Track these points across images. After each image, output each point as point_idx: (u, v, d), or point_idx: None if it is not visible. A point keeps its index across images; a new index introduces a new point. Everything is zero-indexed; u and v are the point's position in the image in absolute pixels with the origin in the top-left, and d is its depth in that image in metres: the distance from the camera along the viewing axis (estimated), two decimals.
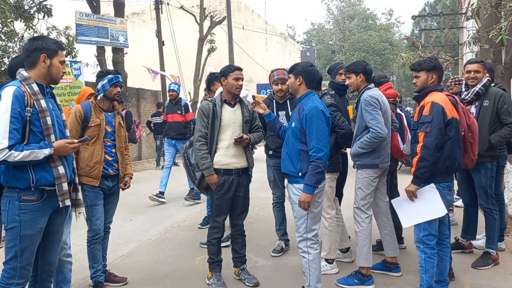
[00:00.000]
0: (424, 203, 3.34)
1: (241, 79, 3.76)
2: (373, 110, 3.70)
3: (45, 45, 2.64)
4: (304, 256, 3.39)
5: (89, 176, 3.59)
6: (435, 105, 3.27)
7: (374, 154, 3.79)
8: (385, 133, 3.68)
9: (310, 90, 3.44)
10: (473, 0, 12.55)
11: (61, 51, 2.73)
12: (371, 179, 3.83)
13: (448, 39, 21.43)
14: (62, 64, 2.73)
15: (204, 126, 3.71)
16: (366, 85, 3.91)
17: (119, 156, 3.77)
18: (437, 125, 3.22)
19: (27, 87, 2.57)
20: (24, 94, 2.53)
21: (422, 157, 3.25)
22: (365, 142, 3.72)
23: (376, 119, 3.67)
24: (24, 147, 2.48)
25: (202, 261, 4.39)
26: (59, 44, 2.74)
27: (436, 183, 3.32)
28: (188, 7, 17.80)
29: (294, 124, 3.38)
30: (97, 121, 3.63)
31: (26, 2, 10.15)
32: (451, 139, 3.26)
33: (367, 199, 3.85)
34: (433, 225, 3.34)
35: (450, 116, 3.26)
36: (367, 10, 45.64)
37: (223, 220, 3.84)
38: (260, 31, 29.21)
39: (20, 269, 2.57)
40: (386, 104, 3.87)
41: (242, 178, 3.81)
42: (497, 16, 5.86)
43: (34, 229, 2.58)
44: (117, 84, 3.69)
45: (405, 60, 13.65)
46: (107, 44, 12.17)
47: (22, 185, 2.53)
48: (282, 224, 4.80)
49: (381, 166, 3.84)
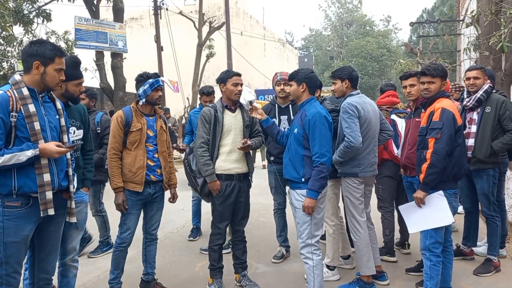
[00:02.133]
0: (432, 210, 3.32)
1: (240, 85, 3.74)
2: (349, 118, 3.62)
3: (41, 51, 2.54)
4: (306, 262, 3.37)
5: (133, 182, 3.54)
6: (445, 111, 3.25)
7: (354, 163, 3.72)
8: (358, 143, 3.56)
9: (311, 96, 3.46)
10: (472, 7, 12.62)
11: (59, 58, 2.59)
12: (354, 186, 3.78)
13: (447, 45, 21.52)
14: (59, 72, 2.60)
15: (206, 132, 3.69)
16: (351, 91, 3.85)
17: (162, 161, 3.68)
18: (447, 131, 3.20)
19: (15, 91, 2.49)
20: (10, 99, 2.45)
21: (432, 163, 3.22)
22: (340, 150, 3.66)
23: (350, 127, 3.59)
24: (5, 151, 2.40)
25: (203, 267, 4.36)
26: (57, 51, 2.60)
27: (444, 190, 3.31)
28: (187, 13, 17.84)
29: (296, 130, 3.37)
30: (139, 125, 3.56)
31: (25, 6, 10.12)
32: (459, 146, 3.26)
33: (358, 205, 3.80)
34: (440, 232, 3.33)
35: (459, 123, 3.27)
36: (365, 17, 45.81)
37: (225, 227, 3.82)
38: (259, 37, 29.29)
39: (6, 277, 2.49)
40: (368, 112, 3.76)
41: (243, 183, 3.81)
42: (497, 23, 5.88)
43: (19, 236, 2.49)
44: (159, 88, 3.61)
45: (403, 67, 13.69)
46: (106, 49, 12.16)
47: (3, 191, 2.45)
48: (283, 230, 4.78)
49: (361, 175, 3.76)
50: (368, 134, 3.75)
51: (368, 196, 3.99)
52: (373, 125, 3.81)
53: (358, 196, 3.79)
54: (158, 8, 16.67)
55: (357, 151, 3.65)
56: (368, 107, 3.79)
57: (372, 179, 4.01)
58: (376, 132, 3.86)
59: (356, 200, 3.79)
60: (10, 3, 9.50)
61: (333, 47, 47.01)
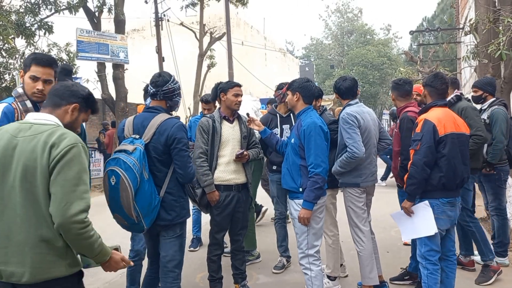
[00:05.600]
0: (418, 220, 3.32)
1: (240, 95, 3.77)
2: (350, 128, 3.63)
3: (25, 61, 2.61)
4: (306, 272, 3.35)
5: None
6: (426, 122, 3.23)
7: (355, 173, 3.73)
8: (361, 153, 3.58)
9: (308, 105, 3.46)
10: (471, 15, 12.66)
11: (35, 66, 2.56)
12: (356, 196, 3.78)
13: (446, 53, 21.59)
14: (33, 79, 2.56)
15: (204, 143, 3.70)
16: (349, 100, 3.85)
17: None
18: (426, 143, 3.17)
19: (19, 104, 2.53)
20: (15, 111, 2.49)
21: (411, 174, 3.26)
22: (343, 161, 3.66)
23: (352, 138, 3.60)
24: None
25: (203, 278, 4.34)
26: (36, 58, 2.59)
27: (435, 198, 3.27)
28: (188, 24, 17.97)
29: (293, 140, 3.38)
30: None
31: (27, 19, 10.24)
32: (444, 157, 3.19)
33: (361, 214, 3.80)
34: (435, 240, 3.29)
35: (443, 133, 3.19)
36: (365, 26, 46.04)
37: (222, 237, 3.81)
38: (260, 46, 29.42)
39: None
40: (368, 121, 3.78)
41: (241, 193, 3.80)
42: (496, 31, 5.91)
43: None
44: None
45: (403, 75, 13.73)
46: (108, 60, 12.24)
47: None
48: (284, 240, 4.76)
49: (362, 185, 3.77)
50: (369, 144, 3.76)
51: (369, 206, 3.97)
52: (373, 134, 3.82)
53: (361, 206, 3.79)
54: (159, 20, 16.81)
55: (360, 161, 3.65)
56: (367, 116, 3.79)
57: (373, 188, 4.00)
58: (375, 141, 3.86)
59: (359, 209, 3.78)
60: (13, 16, 9.60)
61: (333, 56, 47.16)
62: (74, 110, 2.11)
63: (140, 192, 2.74)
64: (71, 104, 2.10)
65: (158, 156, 2.90)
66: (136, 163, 2.71)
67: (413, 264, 4.09)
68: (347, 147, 3.62)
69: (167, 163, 2.93)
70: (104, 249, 2.00)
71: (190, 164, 2.94)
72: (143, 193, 2.74)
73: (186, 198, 3.12)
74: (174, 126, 2.89)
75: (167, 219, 2.92)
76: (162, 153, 2.89)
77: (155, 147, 2.89)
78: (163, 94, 3.01)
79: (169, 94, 3.03)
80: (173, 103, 3.09)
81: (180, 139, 2.88)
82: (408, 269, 4.21)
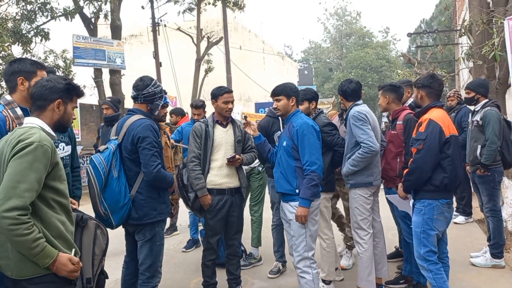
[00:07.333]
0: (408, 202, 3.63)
1: (230, 102, 3.78)
2: (362, 125, 3.67)
3: (22, 67, 2.59)
4: (303, 276, 3.33)
5: None
6: (432, 123, 3.25)
7: (367, 172, 3.76)
8: (377, 147, 3.66)
9: (297, 108, 3.53)
10: (468, 17, 12.69)
11: (40, 71, 2.63)
12: (365, 197, 3.79)
13: (443, 55, 21.62)
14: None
15: (197, 147, 3.71)
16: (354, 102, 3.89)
17: None
18: (430, 143, 3.20)
19: (9, 111, 2.52)
20: (6, 119, 2.48)
21: (410, 171, 3.34)
22: (357, 158, 3.67)
23: (366, 133, 3.65)
24: None
25: (197, 284, 4.32)
26: (37, 64, 2.66)
27: (435, 199, 3.29)
28: (185, 28, 17.98)
29: (285, 143, 3.39)
30: None
31: (23, 26, 10.26)
32: (449, 157, 3.23)
33: (367, 217, 3.80)
34: (432, 241, 3.31)
35: (448, 134, 3.24)
36: (364, 28, 46.11)
37: (216, 241, 3.79)
38: (258, 50, 29.46)
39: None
40: (375, 121, 3.86)
41: (235, 197, 3.79)
42: (489, 32, 5.91)
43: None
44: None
45: (401, 77, 13.74)
46: (104, 66, 12.25)
47: None
48: (281, 246, 4.73)
49: (375, 184, 3.81)
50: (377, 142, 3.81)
51: (377, 206, 4.00)
52: (378, 133, 3.90)
53: (368, 208, 3.81)
54: (156, 25, 16.84)
55: (375, 157, 3.72)
56: (373, 115, 3.87)
57: (379, 188, 4.02)
58: (380, 140, 3.92)
59: (366, 211, 3.80)
60: (9, 23, 9.62)
61: (332, 59, 47.23)
62: (60, 105, 2.18)
63: (108, 189, 2.99)
64: (54, 101, 2.16)
65: (128, 155, 3.09)
66: (102, 162, 2.96)
67: (408, 268, 4.07)
68: (360, 144, 3.65)
69: (137, 163, 3.08)
70: (46, 251, 1.91)
71: (153, 163, 3.04)
72: (111, 191, 2.99)
73: (160, 200, 3.20)
74: (140, 125, 3.05)
75: (135, 218, 3.09)
76: (131, 152, 3.07)
77: (125, 146, 3.09)
78: (143, 98, 3.19)
79: (149, 98, 3.20)
80: (153, 106, 3.25)
81: (144, 138, 3.02)
82: (403, 272, 4.19)
